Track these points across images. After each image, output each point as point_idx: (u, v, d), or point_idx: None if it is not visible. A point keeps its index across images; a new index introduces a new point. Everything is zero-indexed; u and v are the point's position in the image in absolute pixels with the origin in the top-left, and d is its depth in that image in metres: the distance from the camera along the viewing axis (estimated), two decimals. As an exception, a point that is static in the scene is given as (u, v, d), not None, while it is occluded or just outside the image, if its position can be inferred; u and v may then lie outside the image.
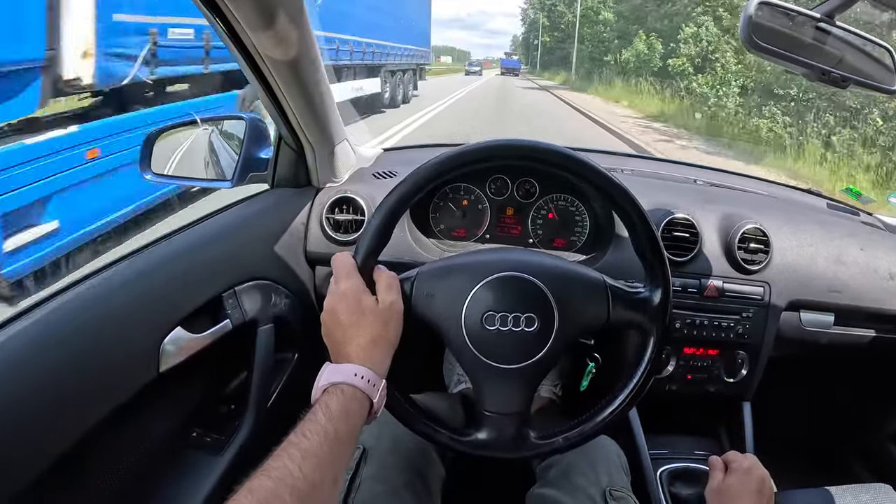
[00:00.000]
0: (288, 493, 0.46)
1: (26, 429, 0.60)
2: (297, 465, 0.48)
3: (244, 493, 0.45)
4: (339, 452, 0.53)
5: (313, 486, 0.48)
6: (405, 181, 0.67)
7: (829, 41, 0.86)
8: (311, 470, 0.49)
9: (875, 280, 1.12)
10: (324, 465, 0.50)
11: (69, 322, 0.68)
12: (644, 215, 0.69)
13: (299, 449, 0.50)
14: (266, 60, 0.83)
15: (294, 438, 0.51)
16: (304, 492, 0.47)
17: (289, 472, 0.47)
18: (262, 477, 0.47)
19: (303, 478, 0.48)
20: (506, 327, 0.67)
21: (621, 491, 0.84)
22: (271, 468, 0.48)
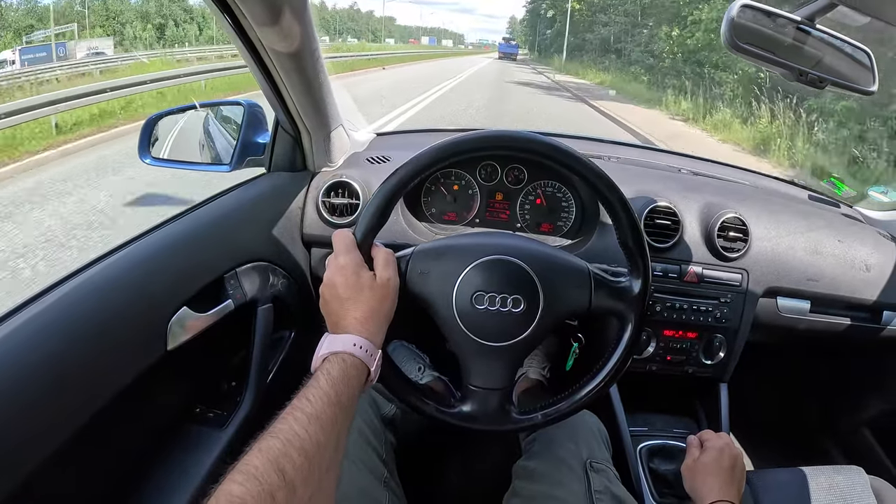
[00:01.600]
0: (296, 452, 0.49)
1: (42, 406, 0.63)
2: (304, 426, 0.51)
3: (255, 453, 0.47)
4: (340, 416, 0.56)
5: (319, 447, 0.51)
6: (405, 166, 0.70)
7: (809, 43, 0.89)
8: (317, 431, 0.51)
9: (852, 270, 1.16)
10: (327, 427, 0.53)
11: (82, 304, 0.72)
12: (628, 207, 0.72)
13: (304, 412, 0.53)
14: (269, 52, 0.86)
15: (299, 403, 0.54)
16: (310, 451, 0.50)
17: (295, 434, 0.50)
18: (271, 438, 0.49)
19: (309, 438, 0.50)
20: (493, 307, 0.71)
21: (602, 464, 0.88)
22: (279, 430, 0.50)
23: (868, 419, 1.42)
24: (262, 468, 0.46)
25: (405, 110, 9.68)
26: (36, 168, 6.16)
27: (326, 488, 0.52)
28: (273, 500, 0.44)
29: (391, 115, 9.06)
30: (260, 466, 0.46)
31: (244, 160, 1.10)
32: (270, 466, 0.46)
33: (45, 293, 0.71)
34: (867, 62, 0.94)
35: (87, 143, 7.13)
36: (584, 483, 0.84)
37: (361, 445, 0.86)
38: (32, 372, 0.63)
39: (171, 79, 10.33)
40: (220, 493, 0.44)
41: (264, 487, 0.45)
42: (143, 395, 0.79)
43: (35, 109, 6.86)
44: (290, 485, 0.46)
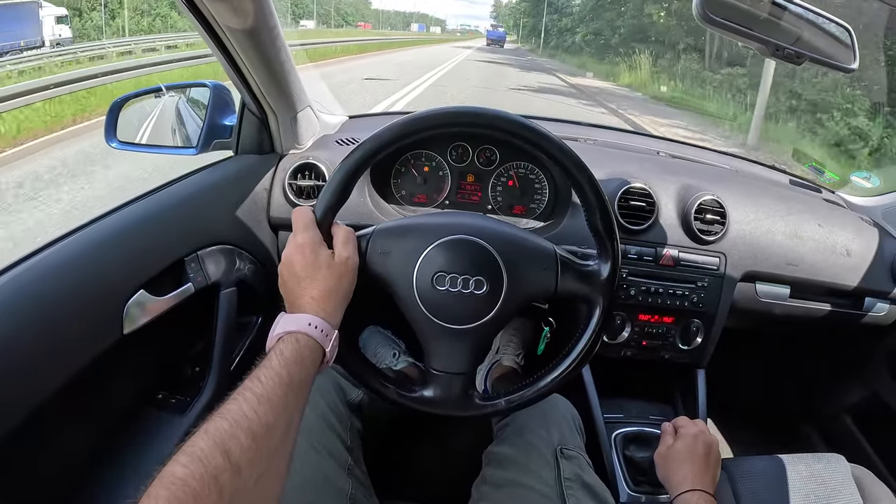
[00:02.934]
0: (243, 433, 0.47)
1: None
2: (253, 407, 0.50)
3: (201, 435, 0.46)
4: (292, 398, 0.54)
5: (268, 428, 0.50)
6: (366, 142, 0.68)
7: (787, 18, 0.87)
8: (266, 412, 0.50)
9: (832, 256, 1.15)
10: (278, 408, 0.52)
11: (34, 287, 0.70)
12: (597, 188, 0.70)
13: (254, 393, 0.51)
14: (225, 30, 0.83)
15: (249, 383, 0.52)
16: (259, 433, 0.48)
17: (244, 415, 0.49)
18: (219, 419, 0.48)
19: (258, 419, 0.49)
20: (455, 288, 0.69)
21: (573, 450, 0.87)
22: (227, 411, 0.49)
23: (849, 406, 1.42)
24: (207, 450, 0.45)
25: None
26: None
27: (276, 470, 0.51)
28: (217, 482, 0.43)
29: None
30: (205, 448, 0.45)
31: (211, 143, 1.08)
32: (216, 448, 0.45)
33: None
34: (847, 39, 0.92)
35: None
36: (555, 470, 0.82)
37: (325, 432, 0.84)
38: None
39: (134, 69, 9.54)
40: (164, 475, 0.43)
41: (208, 469, 0.43)
42: (99, 380, 0.77)
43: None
44: (235, 466, 0.45)
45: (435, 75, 13.56)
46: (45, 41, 17.45)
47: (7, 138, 6.21)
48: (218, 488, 0.43)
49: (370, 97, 9.30)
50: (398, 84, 11.39)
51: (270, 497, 0.50)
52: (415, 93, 9.98)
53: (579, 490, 0.80)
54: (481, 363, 1.29)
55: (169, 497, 0.41)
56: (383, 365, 1.30)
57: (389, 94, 9.77)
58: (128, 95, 1.13)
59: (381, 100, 9.15)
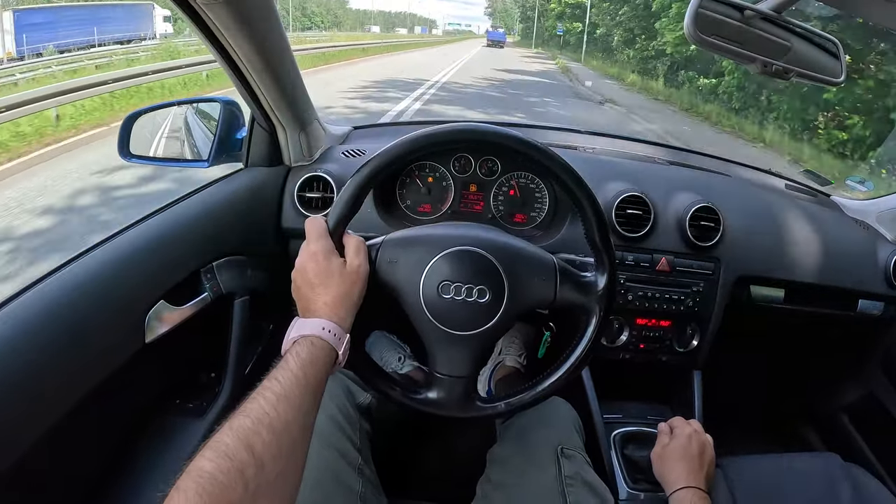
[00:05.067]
0: (265, 430, 0.50)
1: (22, 400, 0.64)
2: (273, 405, 0.53)
3: (226, 432, 0.49)
4: (308, 397, 0.58)
5: (287, 425, 0.53)
6: (376, 157, 0.71)
7: (776, 34, 0.90)
8: (285, 410, 0.53)
9: (826, 259, 1.18)
10: (295, 407, 0.55)
11: (60, 300, 0.73)
12: (596, 204, 0.73)
13: (273, 392, 0.54)
14: (237, 49, 0.87)
15: (268, 383, 0.56)
16: (279, 430, 0.51)
17: (265, 412, 0.52)
18: (242, 417, 0.51)
19: (278, 417, 0.52)
20: (459, 297, 0.72)
21: (573, 450, 0.90)
22: (249, 409, 0.52)
23: (844, 405, 1.44)
24: (232, 445, 0.48)
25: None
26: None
27: (294, 466, 0.54)
28: (242, 476, 0.46)
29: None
30: (231, 444, 0.48)
31: (221, 156, 1.12)
32: (240, 444, 0.48)
33: (24, 291, 0.72)
34: (835, 52, 0.94)
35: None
36: (556, 469, 0.85)
37: (335, 433, 0.87)
38: (11, 368, 0.64)
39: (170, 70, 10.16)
40: (192, 469, 0.45)
41: (234, 464, 0.46)
42: (123, 388, 0.81)
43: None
44: (258, 461, 0.48)
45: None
46: (157, 34, 23.14)
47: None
48: (244, 482, 0.46)
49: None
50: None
51: (289, 493, 0.53)
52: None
53: (580, 488, 0.83)
54: (483, 367, 1.32)
55: (198, 489, 0.44)
56: (389, 368, 1.33)
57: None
58: (140, 110, 1.16)
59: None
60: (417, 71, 16.60)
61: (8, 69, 11.73)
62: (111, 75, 8.67)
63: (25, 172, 5.59)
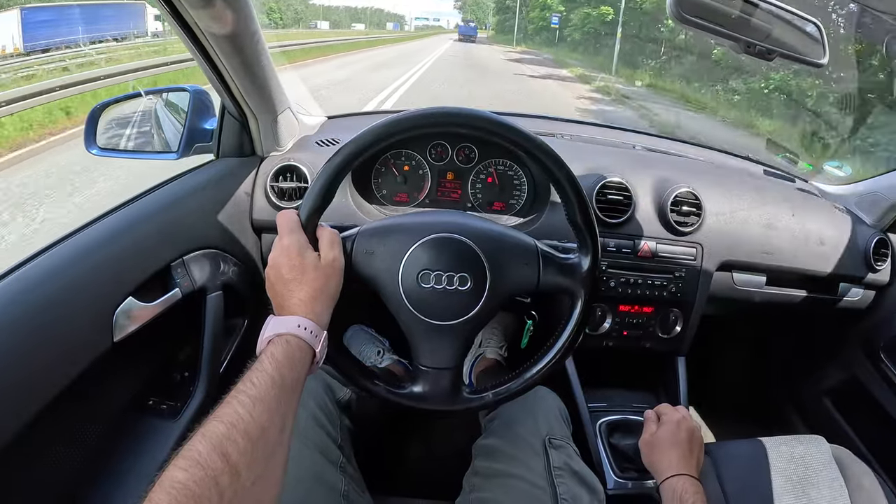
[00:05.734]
0: (240, 435, 0.48)
1: None
2: (248, 410, 0.50)
3: (198, 439, 0.47)
4: (285, 398, 0.55)
5: (263, 430, 0.50)
6: (347, 144, 0.69)
7: (758, 15, 0.89)
8: (260, 414, 0.51)
9: (806, 244, 1.18)
10: (272, 409, 0.52)
11: (22, 299, 0.69)
12: (577, 185, 0.71)
13: (248, 395, 0.52)
14: (207, 35, 0.83)
15: (243, 386, 0.53)
16: (254, 435, 0.49)
17: (239, 417, 0.49)
18: (215, 422, 0.49)
19: (253, 421, 0.50)
20: (440, 286, 0.70)
21: (561, 440, 0.89)
22: (223, 414, 0.50)
23: (828, 388, 1.46)
24: (205, 453, 0.45)
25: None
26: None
27: (272, 471, 0.51)
28: (217, 485, 0.44)
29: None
30: (203, 451, 0.46)
31: (192, 147, 1.08)
32: (214, 451, 0.46)
33: None
34: (817, 34, 0.94)
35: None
36: (544, 459, 0.84)
37: (316, 431, 0.85)
38: None
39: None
40: (164, 480, 0.43)
41: (208, 472, 0.44)
42: (92, 388, 0.78)
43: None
44: (233, 469, 0.46)
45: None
46: (148, 32, 24.87)
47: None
48: (218, 491, 0.44)
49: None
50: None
51: (268, 498, 0.50)
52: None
53: (569, 478, 0.82)
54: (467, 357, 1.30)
55: (170, 501, 0.42)
56: (368, 363, 1.31)
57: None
58: (107, 101, 1.12)
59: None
60: (341, 91, 10.84)
61: (27, 62, 12.20)
62: (118, 68, 9.27)
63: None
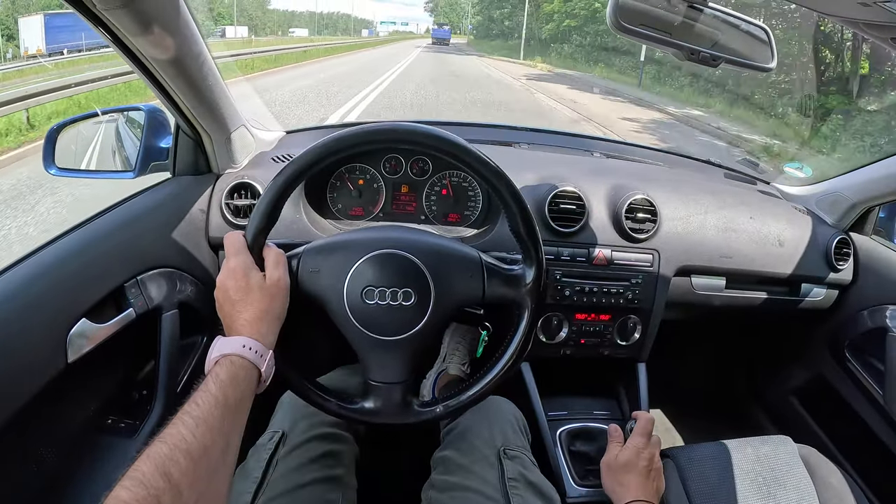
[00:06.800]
0: (182, 456, 0.49)
1: None
2: (191, 430, 0.52)
3: (143, 459, 0.48)
4: (229, 418, 0.56)
5: (205, 450, 0.52)
6: (290, 164, 0.70)
7: (703, 21, 0.89)
8: (203, 434, 0.52)
9: (764, 246, 1.19)
10: (215, 429, 0.54)
11: None
12: (517, 196, 0.72)
13: (192, 416, 0.53)
14: (149, 59, 0.84)
15: (188, 407, 0.55)
16: (196, 455, 0.50)
17: (182, 438, 0.51)
18: (159, 443, 0.50)
19: (195, 441, 0.51)
20: (384, 301, 0.71)
21: (517, 450, 0.89)
22: (167, 434, 0.51)
23: (795, 388, 1.47)
24: (148, 473, 0.47)
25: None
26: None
27: (215, 489, 0.53)
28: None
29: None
30: (147, 472, 0.47)
31: (148, 166, 1.08)
32: (157, 471, 0.47)
33: None
34: (765, 38, 0.95)
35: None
36: (498, 471, 0.84)
37: (323, 454, 0.86)
38: None
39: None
40: (110, 499, 0.44)
41: (150, 492, 0.45)
42: (47, 410, 0.78)
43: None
44: (175, 488, 0.47)
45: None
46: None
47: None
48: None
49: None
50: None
51: None
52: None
53: (524, 489, 0.83)
54: (420, 370, 1.30)
55: None
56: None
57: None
58: (64, 122, 1.12)
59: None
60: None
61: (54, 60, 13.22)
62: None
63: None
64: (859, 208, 1.26)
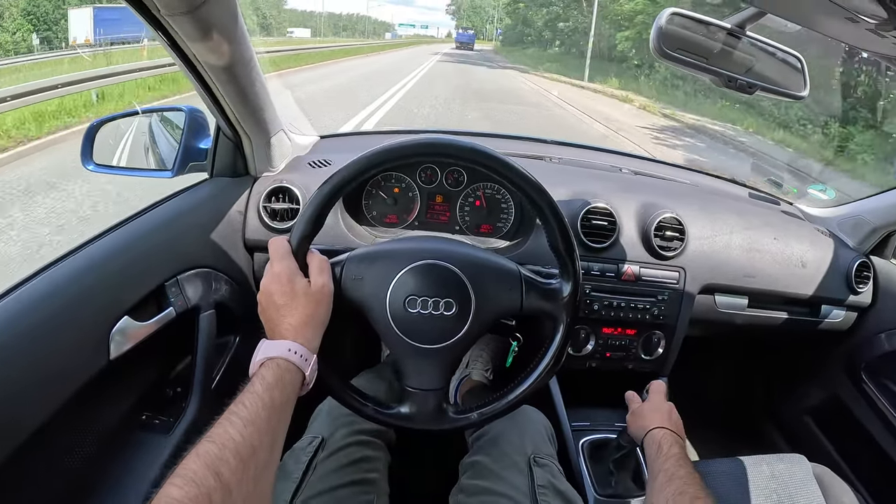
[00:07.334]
0: (231, 455, 0.50)
1: None
2: (239, 430, 0.53)
3: (192, 458, 0.49)
4: (275, 420, 0.58)
5: (254, 450, 0.53)
6: (338, 172, 0.71)
7: (740, 49, 0.91)
8: (251, 435, 0.53)
9: (787, 267, 1.21)
10: (262, 430, 0.55)
11: (21, 318, 0.71)
12: (557, 212, 0.74)
13: (239, 417, 0.54)
14: (204, 65, 0.86)
15: (234, 408, 0.56)
16: (245, 455, 0.51)
17: (230, 438, 0.52)
18: (207, 442, 0.51)
19: (244, 442, 0.52)
20: (426, 310, 0.72)
21: (546, 458, 0.91)
22: (215, 434, 0.52)
23: (809, 408, 1.48)
24: (199, 472, 0.48)
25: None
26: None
27: (262, 489, 0.54)
28: (210, 502, 0.46)
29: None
30: (198, 470, 0.48)
31: (186, 166, 1.09)
32: (207, 470, 0.48)
33: None
34: (798, 66, 0.96)
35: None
36: (528, 478, 0.86)
37: (360, 460, 0.88)
38: None
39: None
40: (161, 497, 0.45)
41: (202, 490, 0.46)
42: (88, 405, 0.79)
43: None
44: (225, 487, 0.48)
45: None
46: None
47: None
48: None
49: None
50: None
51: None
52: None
53: (552, 497, 0.84)
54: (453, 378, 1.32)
55: None
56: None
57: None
58: (105, 118, 1.14)
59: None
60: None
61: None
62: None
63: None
64: (880, 232, 1.27)
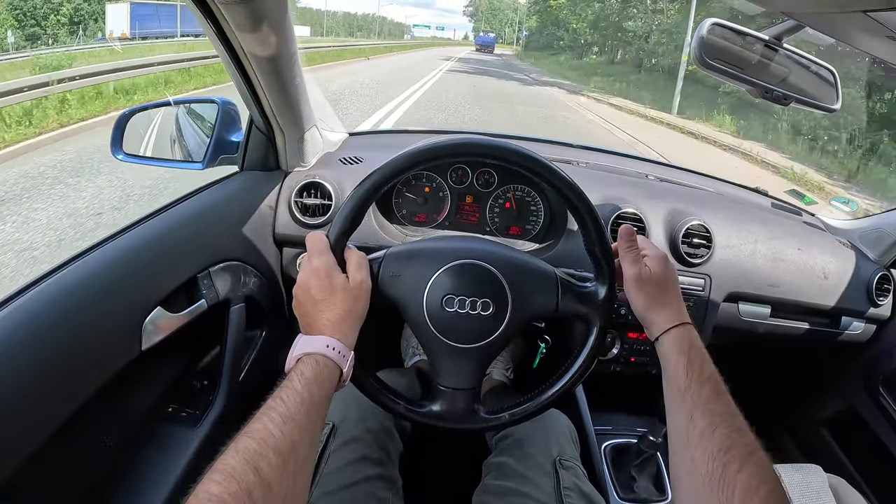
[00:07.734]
0: (272, 451, 0.50)
1: (19, 408, 0.63)
2: (278, 427, 0.52)
3: (231, 453, 0.49)
4: (314, 416, 0.57)
5: (293, 446, 0.52)
6: (378, 171, 0.71)
7: (776, 60, 0.92)
8: (290, 431, 0.53)
9: (810, 277, 1.21)
10: (302, 426, 0.54)
11: (55, 306, 0.71)
12: (595, 216, 0.74)
13: (278, 413, 0.54)
14: (249, 56, 0.86)
15: (273, 403, 0.55)
16: (285, 451, 0.51)
17: (270, 434, 0.51)
18: (247, 438, 0.51)
19: (283, 438, 0.52)
20: (463, 310, 0.72)
21: (570, 461, 0.91)
22: (254, 430, 0.52)
23: (826, 418, 1.48)
24: (238, 468, 0.47)
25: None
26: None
27: (301, 485, 0.53)
28: (250, 498, 0.46)
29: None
30: (237, 466, 0.47)
31: (217, 158, 1.10)
32: (247, 466, 0.48)
33: (17, 295, 0.70)
34: (832, 80, 0.97)
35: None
36: (553, 479, 0.86)
37: (373, 449, 0.87)
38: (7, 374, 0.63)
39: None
40: (200, 492, 0.45)
41: (242, 486, 0.46)
42: (119, 395, 0.79)
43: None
44: (265, 483, 0.48)
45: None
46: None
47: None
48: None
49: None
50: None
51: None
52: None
53: (578, 499, 0.84)
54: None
55: None
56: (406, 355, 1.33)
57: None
58: (135, 108, 1.13)
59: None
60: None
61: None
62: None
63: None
64: (902, 245, 1.27)
